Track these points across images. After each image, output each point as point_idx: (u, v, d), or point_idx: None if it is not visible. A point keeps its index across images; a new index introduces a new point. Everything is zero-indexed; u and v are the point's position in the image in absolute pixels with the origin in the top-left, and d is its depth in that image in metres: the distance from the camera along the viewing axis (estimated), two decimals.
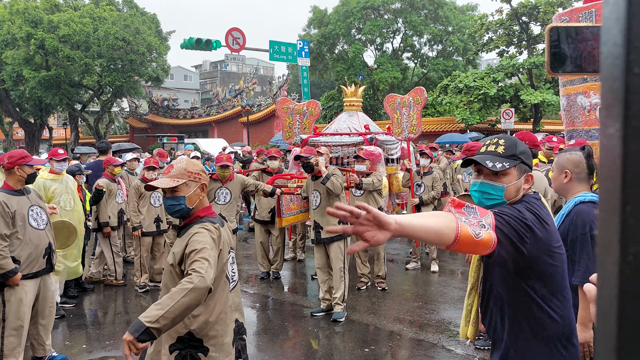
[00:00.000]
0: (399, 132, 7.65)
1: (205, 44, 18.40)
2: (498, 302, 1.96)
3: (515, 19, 20.46)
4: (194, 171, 2.46)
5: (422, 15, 29.78)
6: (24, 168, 4.04)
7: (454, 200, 1.67)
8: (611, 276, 0.48)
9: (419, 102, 7.47)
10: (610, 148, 0.49)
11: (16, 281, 3.89)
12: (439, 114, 26.90)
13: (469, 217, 1.63)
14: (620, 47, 0.48)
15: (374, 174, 6.21)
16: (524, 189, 1.96)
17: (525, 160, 1.96)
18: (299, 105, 8.26)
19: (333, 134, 7.64)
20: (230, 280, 2.54)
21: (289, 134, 8.25)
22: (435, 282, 6.91)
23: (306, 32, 32.28)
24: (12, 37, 24.99)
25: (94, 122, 30.29)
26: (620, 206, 0.48)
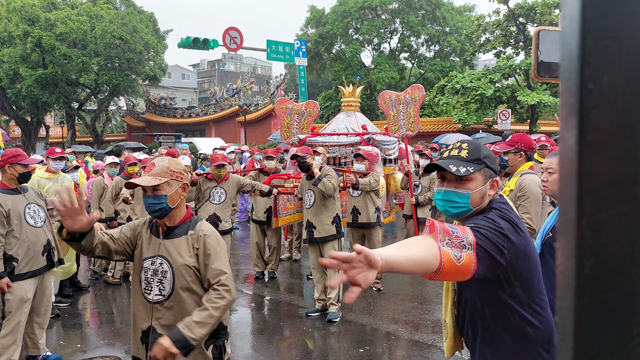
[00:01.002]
0: (395, 129, 7.56)
1: (202, 43, 18.38)
2: (475, 315, 1.92)
3: (512, 20, 20.51)
4: (176, 170, 2.45)
5: (419, 15, 29.82)
6: (16, 167, 4.02)
7: (432, 221, 1.58)
8: (569, 289, 0.49)
9: (417, 100, 7.40)
10: (567, 161, 0.50)
11: (2, 285, 3.85)
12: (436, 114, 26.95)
13: (452, 236, 1.56)
14: (576, 62, 0.48)
15: (371, 174, 6.21)
16: (489, 195, 1.88)
17: (489, 164, 1.88)
18: (297, 106, 8.26)
19: (330, 134, 7.67)
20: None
21: (287, 134, 8.26)
22: (430, 283, 6.92)
23: (304, 31, 32.26)
24: (9, 34, 24.91)
25: (91, 121, 30.21)
26: (576, 219, 0.48)
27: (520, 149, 3.89)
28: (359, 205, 6.28)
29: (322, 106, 27.81)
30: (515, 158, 3.92)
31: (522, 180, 3.77)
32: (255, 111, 29.06)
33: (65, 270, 5.51)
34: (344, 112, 8.13)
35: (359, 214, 6.27)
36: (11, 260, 3.92)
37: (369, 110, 27.85)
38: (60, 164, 5.68)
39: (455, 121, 20.70)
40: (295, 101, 11.67)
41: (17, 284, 3.95)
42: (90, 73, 26.58)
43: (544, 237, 2.78)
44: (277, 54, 20.16)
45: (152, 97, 34.85)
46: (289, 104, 8.31)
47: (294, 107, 8.25)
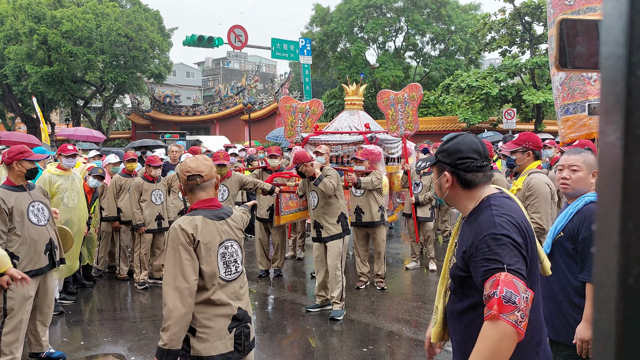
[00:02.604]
0: (394, 128, 7.54)
1: (207, 41, 18.37)
2: (464, 315, 1.88)
3: (518, 19, 20.41)
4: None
5: (424, 14, 29.74)
6: (23, 163, 3.99)
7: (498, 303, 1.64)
8: (609, 300, 0.43)
9: (415, 99, 7.38)
10: (610, 158, 0.44)
11: (2, 282, 3.79)
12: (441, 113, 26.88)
13: (521, 305, 1.61)
14: (622, 47, 0.42)
15: (373, 172, 6.17)
16: (447, 188, 1.92)
17: (441, 158, 1.92)
18: (301, 104, 8.20)
19: (333, 133, 7.61)
20: (225, 272, 2.56)
21: (291, 132, 8.20)
22: (434, 282, 6.89)
23: (308, 30, 32.25)
24: (15, 32, 25.01)
25: (96, 118, 30.30)
26: (620, 223, 0.42)
27: (528, 148, 3.84)
28: (362, 204, 6.26)
29: (327, 104, 27.81)
30: (523, 157, 3.87)
31: (530, 180, 3.73)
32: (260, 109, 29.07)
33: (68, 268, 5.51)
34: (347, 110, 8.07)
35: (362, 213, 6.25)
36: (12, 258, 3.87)
37: (374, 109, 27.82)
38: (73, 161, 5.67)
39: (460, 120, 20.64)
40: (299, 99, 11.65)
41: (20, 283, 3.92)
42: (95, 71, 26.68)
43: (554, 236, 2.74)
44: (281, 52, 20.14)
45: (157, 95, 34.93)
46: (293, 102, 8.25)
47: (298, 105, 8.20)
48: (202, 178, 2.55)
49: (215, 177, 2.64)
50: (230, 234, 2.61)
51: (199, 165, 2.56)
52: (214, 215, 2.56)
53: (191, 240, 2.43)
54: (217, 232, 2.53)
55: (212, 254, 2.50)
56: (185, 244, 2.42)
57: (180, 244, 2.41)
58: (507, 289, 1.61)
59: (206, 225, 2.50)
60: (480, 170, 1.88)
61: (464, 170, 1.88)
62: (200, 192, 2.58)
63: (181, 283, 2.37)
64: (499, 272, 1.65)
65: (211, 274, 2.49)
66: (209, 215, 2.55)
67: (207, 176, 2.57)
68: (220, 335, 2.47)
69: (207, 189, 2.60)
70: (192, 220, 2.48)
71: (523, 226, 1.79)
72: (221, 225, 2.58)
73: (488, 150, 2.00)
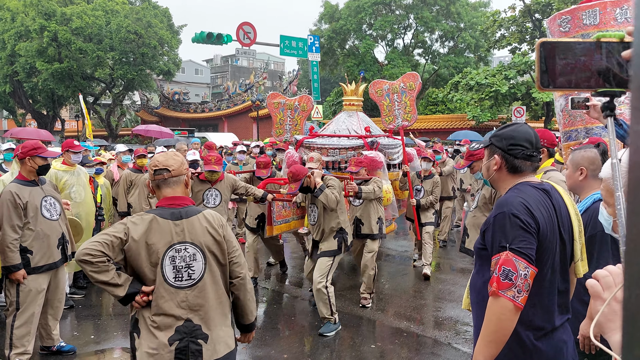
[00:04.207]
0: (390, 120, 7.04)
1: (216, 38, 18.41)
2: (482, 288, 2.01)
3: (528, 16, 20.28)
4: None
5: (433, 11, 29.62)
6: (35, 159, 4.03)
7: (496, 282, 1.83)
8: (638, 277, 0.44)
9: (413, 88, 6.90)
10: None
11: (18, 277, 3.88)
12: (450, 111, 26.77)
13: (517, 281, 1.79)
14: None
15: (374, 180, 5.69)
16: (495, 170, 2.06)
17: (495, 142, 2.06)
18: (290, 100, 7.64)
19: (330, 136, 6.93)
20: (175, 277, 2.29)
21: (280, 130, 7.68)
22: (443, 280, 6.89)
23: (317, 27, 32.23)
24: (26, 29, 25.21)
25: (105, 115, 30.50)
26: None
27: (543, 146, 3.80)
28: (361, 215, 5.82)
29: (335, 102, 27.77)
30: None
31: (547, 178, 3.70)
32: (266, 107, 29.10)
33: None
34: (345, 111, 7.45)
35: (361, 224, 5.82)
36: (25, 253, 3.92)
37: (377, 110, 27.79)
38: (79, 156, 5.75)
39: (469, 118, 20.55)
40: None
41: (33, 277, 3.98)
42: (105, 67, 26.86)
43: None
44: (290, 49, 20.14)
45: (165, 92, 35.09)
46: (281, 98, 7.70)
47: (286, 102, 7.62)
48: (169, 173, 2.36)
49: (186, 175, 2.44)
50: (186, 236, 2.32)
51: (168, 160, 2.39)
52: (170, 214, 2.32)
53: (122, 240, 2.24)
54: (169, 233, 2.28)
55: (157, 256, 2.26)
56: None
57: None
58: (505, 267, 1.81)
59: (156, 225, 2.28)
60: (529, 159, 2.01)
61: (513, 155, 2.01)
62: (166, 189, 2.38)
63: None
64: (502, 252, 1.84)
65: (153, 278, 2.28)
66: (164, 214, 2.32)
67: (175, 172, 2.38)
68: (157, 344, 2.25)
69: (174, 185, 2.39)
70: (137, 219, 2.30)
71: (540, 211, 1.91)
72: (176, 225, 2.32)
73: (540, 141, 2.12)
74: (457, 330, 5.07)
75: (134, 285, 2.28)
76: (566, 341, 1.97)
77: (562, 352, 1.95)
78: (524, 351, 1.91)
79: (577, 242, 2.03)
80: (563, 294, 2.01)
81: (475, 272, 2.09)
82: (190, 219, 2.34)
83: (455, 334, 4.95)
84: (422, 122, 24.58)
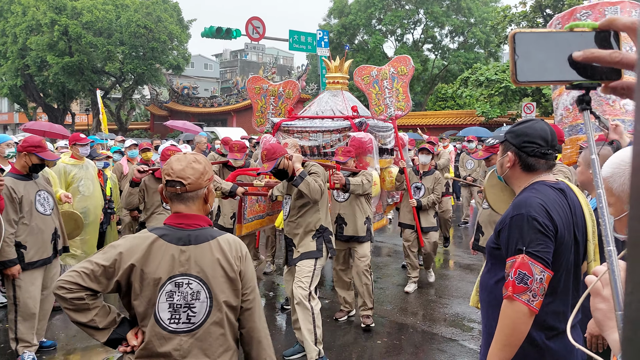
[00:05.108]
0: (380, 110, 6.21)
1: (225, 32, 18.43)
2: (493, 288, 2.01)
3: (539, 11, 20.10)
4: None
5: (443, 6, 29.45)
6: (32, 157, 3.96)
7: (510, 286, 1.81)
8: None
9: (405, 73, 6.05)
10: None
11: (14, 272, 3.83)
12: (459, 107, 26.66)
13: (533, 285, 1.77)
14: None
15: (363, 172, 4.86)
16: (507, 167, 2.02)
17: (509, 139, 2.03)
18: (273, 86, 6.74)
19: (313, 118, 5.96)
20: (170, 319, 1.82)
21: (261, 119, 6.76)
22: (450, 277, 6.89)
23: (326, 22, 32.16)
24: (37, 23, 25.37)
25: (115, 109, 30.68)
26: None
27: None
28: (345, 212, 4.97)
29: None
30: None
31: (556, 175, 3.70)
32: None
33: (87, 255, 5.59)
34: (328, 90, 6.40)
35: (344, 224, 4.96)
36: (19, 247, 3.87)
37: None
38: (87, 149, 5.79)
39: (478, 114, 20.45)
40: (317, 92, 11.34)
41: (27, 272, 3.93)
42: (115, 62, 26.99)
43: None
44: (299, 44, 20.11)
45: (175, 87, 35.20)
46: (264, 83, 6.77)
47: (269, 87, 6.71)
48: (184, 187, 1.87)
49: (206, 187, 1.95)
50: (191, 267, 1.84)
51: (184, 169, 1.88)
52: (177, 237, 1.86)
53: (107, 268, 1.79)
54: (171, 261, 1.82)
55: (153, 288, 1.80)
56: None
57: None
58: (521, 270, 1.79)
59: (157, 248, 1.83)
60: (544, 157, 1.97)
61: (527, 153, 1.97)
62: (179, 205, 1.91)
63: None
64: (518, 255, 1.82)
65: (144, 314, 1.82)
66: (170, 235, 1.86)
67: (192, 185, 1.88)
68: None
69: (189, 201, 1.91)
70: (138, 239, 1.86)
71: (558, 213, 1.88)
72: (182, 252, 1.85)
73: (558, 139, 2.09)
74: (463, 326, 5.08)
75: (120, 329, 1.86)
76: (577, 340, 1.97)
77: (573, 351, 1.95)
78: (536, 351, 1.91)
79: (590, 243, 2.00)
80: (575, 294, 2.00)
81: (486, 270, 2.08)
82: (200, 246, 1.87)
83: (462, 331, 4.96)
84: (431, 118, 24.49)
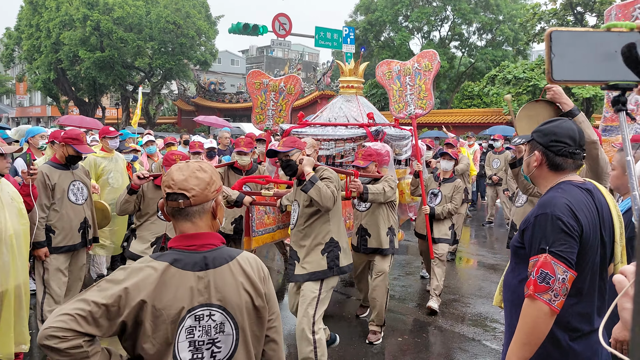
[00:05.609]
0: (399, 107, 5.76)
1: (252, 29, 18.59)
2: (516, 287, 2.01)
3: (569, 9, 19.70)
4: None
5: (472, 2, 29.08)
6: (68, 148, 4.21)
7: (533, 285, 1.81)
8: None
9: (429, 69, 5.56)
10: None
11: (41, 254, 4.06)
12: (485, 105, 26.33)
13: (555, 285, 1.78)
14: None
15: (385, 178, 4.48)
16: (534, 166, 2.03)
17: (536, 138, 2.03)
18: (274, 81, 6.44)
19: (324, 124, 5.57)
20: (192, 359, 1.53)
21: (260, 116, 6.44)
22: (473, 276, 6.88)
23: (352, 18, 32.10)
24: (70, 18, 26.01)
25: (144, 104, 31.21)
26: None
27: None
28: (367, 223, 4.61)
29: (368, 94, 27.64)
30: None
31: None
32: (301, 98, 29.21)
33: (116, 246, 5.74)
34: (342, 95, 6.03)
35: (367, 235, 4.59)
36: (49, 232, 4.12)
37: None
38: (117, 142, 5.96)
39: (505, 112, 20.19)
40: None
41: (54, 256, 4.16)
42: (144, 57, 27.47)
43: None
44: (325, 40, 20.13)
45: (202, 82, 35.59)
46: (264, 78, 6.47)
47: (270, 82, 6.41)
48: (187, 200, 1.57)
49: (214, 200, 1.65)
50: (211, 296, 1.54)
51: (188, 179, 1.58)
52: (192, 262, 1.55)
53: (110, 308, 1.43)
54: (188, 292, 1.52)
55: (170, 326, 1.48)
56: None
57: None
58: (543, 270, 1.79)
59: (170, 278, 1.51)
60: (571, 157, 1.96)
61: (554, 152, 1.97)
62: (184, 223, 1.60)
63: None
64: (541, 254, 1.82)
65: (158, 357, 1.49)
66: (184, 260, 1.55)
67: (197, 198, 1.58)
68: None
69: (195, 217, 1.60)
70: (144, 268, 1.51)
71: (584, 214, 1.86)
72: (199, 279, 1.54)
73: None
74: (486, 326, 5.08)
75: None
76: (601, 344, 1.97)
77: (597, 353, 1.93)
78: (560, 352, 1.90)
79: (617, 244, 1.97)
80: (601, 296, 1.98)
81: (510, 269, 2.07)
82: (219, 270, 1.58)
83: (484, 330, 4.96)
84: (456, 116, 24.26)
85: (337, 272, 3.59)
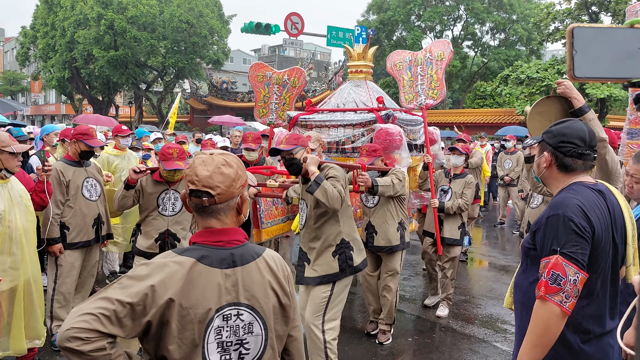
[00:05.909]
0: (410, 98, 5.59)
1: (264, 28, 18.64)
2: (528, 289, 2.00)
3: (584, 9, 19.50)
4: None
5: (485, 2, 28.89)
6: (80, 144, 4.26)
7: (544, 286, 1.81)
8: None
9: (442, 58, 5.39)
10: None
11: (55, 250, 4.11)
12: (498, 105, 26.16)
13: (566, 287, 1.77)
14: None
15: (393, 170, 4.27)
16: (544, 167, 2.03)
17: (546, 139, 2.04)
18: (277, 73, 6.27)
19: (333, 111, 5.39)
20: None
21: (263, 110, 6.32)
22: (484, 277, 6.85)
23: (364, 18, 32.05)
24: (84, 17, 26.28)
25: (157, 102, 31.45)
26: None
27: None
28: (375, 219, 4.42)
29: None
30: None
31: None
32: (313, 97, 29.26)
33: (129, 242, 5.78)
34: (350, 80, 5.84)
35: (374, 233, 4.41)
36: (63, 228, 4.18)
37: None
38: (129, 140, 6.02)
39: (517, 113, 20.02)
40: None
41: (68, 252, 4.21)
42: (157, 56, 27.67)
43: None
44: (337, 40, 20.12)
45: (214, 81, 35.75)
46: (267, 70, 6.31)
47: (273, 74, 6.25)
48: (212, 199, 1.50)
49: (240, 195, 1.57)
50: (239, 294, 1.49)
51: (212, 175, 1.50)
52: (219, 258, 1.48)
53: (135, 307, 1.35)
54: (216, 290, 1.45)
55: (197, 326, 1.42)
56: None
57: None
58: (554, 271, 1.79)
59: (197, 275, 1.44)
60: (581, 158, 1.95)
61: (563, 153, 1.97)
62: (209, 220, 1.53)
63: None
64: (553, 255, 1.81)
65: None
66: (210, 257, 1.48)
67: (222, 195, 1.51)
68: None
69: (220, 214, 1.53)
70: (170, 264, 1.43)
71: (596, 215, 1.86)
72: (227, 277, 1.48)
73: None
74: (496, 328, 5.06)
75: None
76: (613, 345, 1.94)
77: (609, 356, 1.93)
78: (571, 354, 1.89)
79: (629, 246, 1.96)
80: (612, 298, 1.97)
81: (522, 271, 2.06)
82: (247, 267, 1.53)
83: (495, 332, 4.94)
84: (469, 116, 24.14)
85: (350, 272, 3.45)
